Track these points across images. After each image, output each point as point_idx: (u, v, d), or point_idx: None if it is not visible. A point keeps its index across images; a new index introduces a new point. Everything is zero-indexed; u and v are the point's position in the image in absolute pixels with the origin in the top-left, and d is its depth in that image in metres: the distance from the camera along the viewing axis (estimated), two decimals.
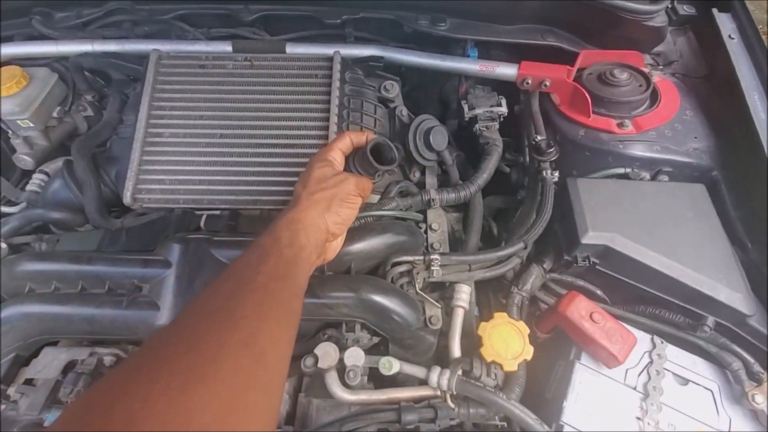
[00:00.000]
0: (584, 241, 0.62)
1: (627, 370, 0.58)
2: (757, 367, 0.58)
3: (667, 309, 0.63)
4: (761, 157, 0.66)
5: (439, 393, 0.55)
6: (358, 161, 0.58)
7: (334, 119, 0.68)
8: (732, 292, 0.59)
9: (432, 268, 0.60)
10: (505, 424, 0.56)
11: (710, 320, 0.60)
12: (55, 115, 0.83)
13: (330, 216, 0.50)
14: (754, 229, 0.67)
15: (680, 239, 0.62)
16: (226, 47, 0.75)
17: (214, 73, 0.71)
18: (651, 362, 0.58)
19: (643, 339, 0.60)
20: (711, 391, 0.58)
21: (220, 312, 0.36)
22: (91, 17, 0.83)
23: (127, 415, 0.27)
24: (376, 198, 0.69)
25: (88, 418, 0.27)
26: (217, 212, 0.65)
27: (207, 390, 0.30)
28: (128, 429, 0.26)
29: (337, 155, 0.55)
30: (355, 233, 0.61)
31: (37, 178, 0.78)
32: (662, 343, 0.60)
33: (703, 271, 0.60)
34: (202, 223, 0.62)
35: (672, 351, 0.60)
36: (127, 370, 0.32)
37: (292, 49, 0.75)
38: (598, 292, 0.68)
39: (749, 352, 0.59)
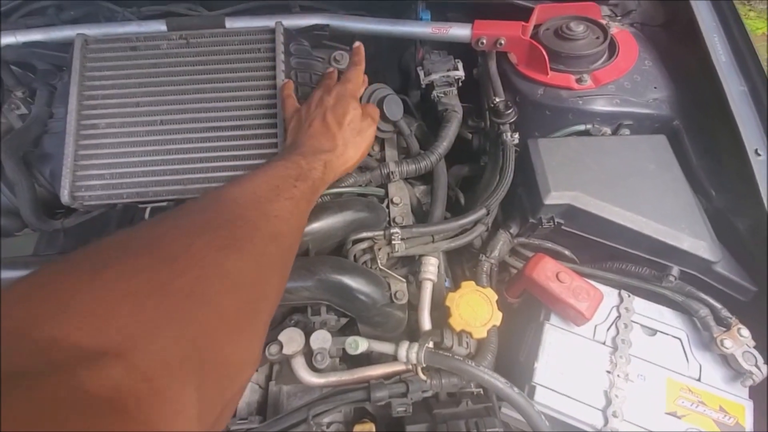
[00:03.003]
0: (547, 201, 0.60)
1: (596, 326, 0.58)
2: (724, 312, 0.58)
3: (635, 263, 0.63)
4: (723, 101, 0.65)
5: (410, 367, 0.55)
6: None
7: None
8: (695, 241, 0.59)
9: (393, 242, 0.58)
10: (482, 390, 0.56)
11: (675, 270, 0.59)
12: None
13: (348, 168, 0.58)
14: (718, 177, 0.67)
15: (643, 192, 0.61)
16: (161, 26, 0.70)
17: (148, 54, 0.66)
18: (619, 316, 0.58)
19: (610, 294, 0.60)
20: (679, 339, 0.59)
21: (257, 206, 0.40)
22: (11, 5, 0.76)
23: (178, 264, 0.29)
24: None
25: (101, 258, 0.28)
26: (164, 203, 0.61)
27: (241, 258, 0.33)
28: (175, 276, 0.28)
29: None
30: (310, 213, 0.58)
31: None
32: (629, 296, 0.60)
33: (665, 221, 0.59)
34: (146, 217, 0.59)
35: (639, 303, 0.60)
36: (175, 217, 0.34)
37: (231, 23, 0.70)
38: (567, 252, 0.67)
39: (717, 299, 0.59)
